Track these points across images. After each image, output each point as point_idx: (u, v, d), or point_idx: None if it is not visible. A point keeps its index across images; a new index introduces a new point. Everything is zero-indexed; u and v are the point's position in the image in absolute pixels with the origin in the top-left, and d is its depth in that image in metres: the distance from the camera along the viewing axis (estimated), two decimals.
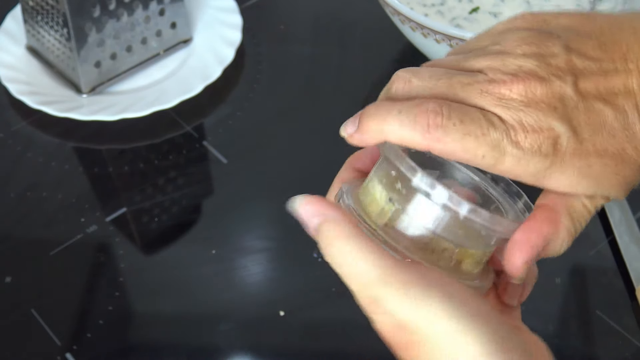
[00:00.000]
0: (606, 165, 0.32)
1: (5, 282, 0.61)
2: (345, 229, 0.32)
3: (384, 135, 0.33)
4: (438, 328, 0.30)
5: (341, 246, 0.31)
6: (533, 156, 0.32)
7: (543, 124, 0.32)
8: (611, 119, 0.32)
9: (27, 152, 0.72)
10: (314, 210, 0.33)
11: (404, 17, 0.68)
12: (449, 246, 0.33)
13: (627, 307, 0.59)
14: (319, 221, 0.32)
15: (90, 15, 0.71)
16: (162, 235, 0.65)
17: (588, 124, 0.32)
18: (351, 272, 0.31)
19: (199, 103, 0.74)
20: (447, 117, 0.32)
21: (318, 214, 0.32)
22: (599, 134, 0.32)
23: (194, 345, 0.58)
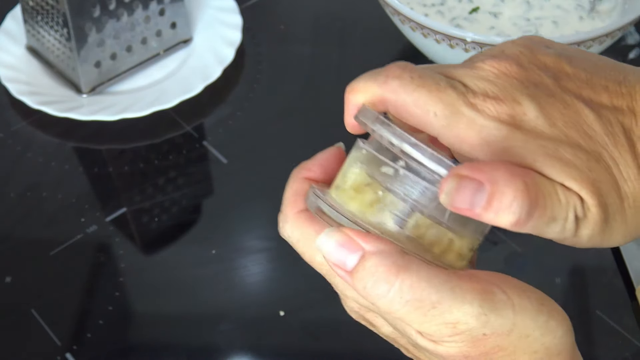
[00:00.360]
0: (577, 156, 0.29)
1: (5, 282, 0.61)
2: (393, 259, 0.29)
3: (352, 94, 0.33)
4: (527, 323, 0.29)
5: (393, 282, 0.28)
6: (489, 120, 0.29)
7: (508, 94, 0.30)
8: (591, 121, 0.30)
9: (27, 152, 0.72)
10: (346, 249, 0.29)
11: (404, 17, 0.68)
12: (438, 232, 0.31)
13: (627, 307, 0.59)
14: (357, 260, 0.29)
15: (90, 15, 0.71)
16: (162, 235, 0.65)
17: (563, 115, 0.30)
18: (420, 306, 0.28)
19: (199, 103, 0.74)
20: (406, 70, 0.31)
21: (353, 251, 0.29)
22: (574, 128, 0.30)
23: (194, 345, 0.58)
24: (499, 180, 0.27)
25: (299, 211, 0.34)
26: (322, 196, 0.32)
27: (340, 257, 0.29)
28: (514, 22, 0.74)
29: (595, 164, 0.29)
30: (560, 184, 0.29)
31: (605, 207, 0.29)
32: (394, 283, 0.28)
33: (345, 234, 0.29)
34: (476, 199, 0.27)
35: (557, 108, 0.30)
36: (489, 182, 0.27)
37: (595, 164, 0.29)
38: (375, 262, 0.29)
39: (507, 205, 0.27)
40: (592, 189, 0.29)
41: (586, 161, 0.29)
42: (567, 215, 0.29)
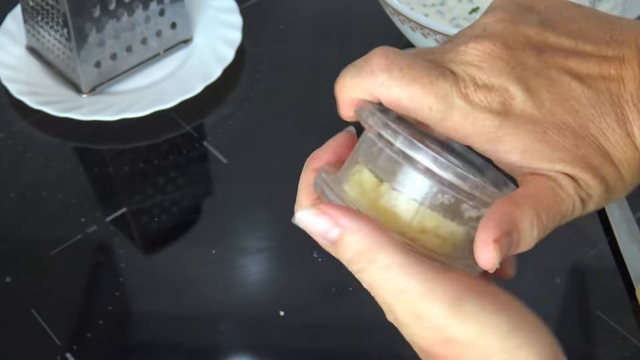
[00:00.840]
0: (565, 136, 0.30)
1: (5, 282, 0.61)
2: (374, 240, 0.29)
3: (341, 92, 0.33)
4: (493, 342, 0.29)
5: (374, 261, 0.29)
6: (481, 112, 0.30)
7: (496, 81, 0.30)
8: (577, 94, 0.30)
9: (27, 152, 0.72)
10: (327, 223, 0.30)
11: (404, 17, 0.68)
12: (437, 223, 0.31)
13: (627, 307, 0.59)
14: (338, 233, 0.30)
15: (90, 15, 0.71)
16: (162, 235, 0.65)
17: (550, 93, 0.30)
18: (389, 288, 0.29)
19: (199, 103, 0.74)
20: (393, 60, 0.31)
21: (335, 225, 0.30)
22: (560, 105, 0.30)
23: (194, 345, 0.58)
24: (517, 223, 0.29)
25: (313, 201, 0.34)
26: (326, 180, 0.32)
27: (320, 230, 0.30)
28: None
29: (582, 140, 0.30)
30: (554, 180, 0.30)
31: (603, 178, 0.30)
32: (370, 261, 0.29)
33: (322, 209, 0.30)
34: (510, 249, 0.29)
35: (544, 87, 0.30)
36: (514, 230, 0.29)
37: (582, 140, 0.30)
38: (354, 238, 0.29)
39: (529, 236, 0.30)
40: (583, 165, 0.30)
41: (573, 139, 0.30)
42: (574, 204, 0.30)
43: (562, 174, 0.30)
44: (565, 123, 0.30)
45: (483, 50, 0.31)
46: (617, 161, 0.31)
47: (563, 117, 0.30)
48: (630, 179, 0.31)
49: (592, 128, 0.30)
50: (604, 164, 0.30)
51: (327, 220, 0.30)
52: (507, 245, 0.29)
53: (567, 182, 0.30)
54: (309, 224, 0.31)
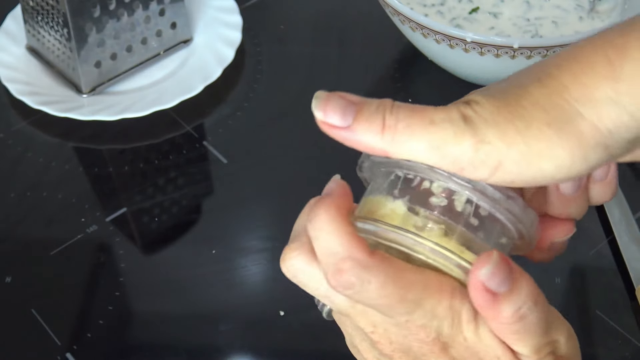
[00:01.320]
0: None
1: (5, 282, 0.61)
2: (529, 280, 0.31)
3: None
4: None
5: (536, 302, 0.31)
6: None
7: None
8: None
9: (27, 152, 0.72)
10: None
11: (404, 17, 0.68)
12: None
13: (627, 307, 0.59)
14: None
15: (90, 15, 0.71)
16: (162, 235, 0.65)
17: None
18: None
19: (199, 103, 0.74)
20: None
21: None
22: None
23: (194, 345, 0.58)
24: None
25: (371, 253, 0.31)
26: (378, 224, 0.32)
27: (495, 283, 0.30)
28: (514, 22, 0.74)
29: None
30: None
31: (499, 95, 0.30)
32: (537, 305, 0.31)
33: (498, 256, 0.30)
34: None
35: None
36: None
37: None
38: (525, 286, 0.30)
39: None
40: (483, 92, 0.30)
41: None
42: (450, 115, 0.30)
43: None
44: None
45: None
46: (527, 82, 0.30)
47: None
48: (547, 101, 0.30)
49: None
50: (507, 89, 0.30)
51: (507, 268, 0.30)
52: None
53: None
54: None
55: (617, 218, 0.63)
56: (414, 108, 0.30)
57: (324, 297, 0.33)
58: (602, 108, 0.28)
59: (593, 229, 0.63)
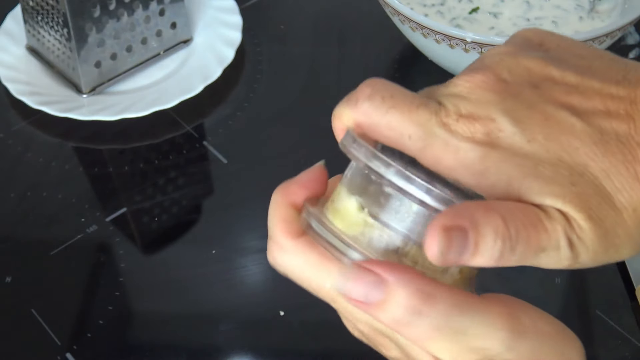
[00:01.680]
0: (558, 172, 0.27)
1: (5, 282, 0.61)
2: (425, 289, 0.27)
3: (334, 121, 0.32)
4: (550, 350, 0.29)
5: (427, 314, 0.27)
6: (463, 142, 0.28)
7: (482, 111, 0.28)
8: (577, 130, 0.28)
9: (27, 152, 0.72)
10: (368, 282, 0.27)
11: (404, 17, 0.68)
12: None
13: (627, 307, 0.59)
14: (383, 293, 0.27)
15: (90, 15, 0.71)
16: (162, 235, 0.65)
17: (544, 127, 0.28)
18: (446, 335, 0.27)
19: (199, 103, 0.74)
20: (377, 90, 0.30)
21: (377, 284, 0.27)
22: (555, 141, 0.28)
23: (194, 345, 0.58)
24: (479, 222, 0.26)
25: (293, 237, 0.31)
26: (319, 220, 0.31)
27: (362, 293, 0.28)
28: (514, 22, 0.74)
29: (579, 177, 0.27)
30: (542, 210, 0.27)
31: (599, 221, 0.27)
32: (425, 313, 0.27)
33: (363, 267, 0.28)
34: (464, 250, 0.26)
35: (537, 120, 0.28)
36: (471, 227, 0.26)
37: (579, 178, 0.27)
38: (402, 294, 0.27)
39: (490, 246, 0.26)
40: (578, 203, 0.27)
41: (568, 176, 0.27)
42: (558, 243, 0.27)
43: (552, 208, 0.27)
44: (560, 159, 0.28)
45: (473, 82, 0.29)
46: (620, 206, 0.28)
47: (558, 153, 0.28)
48: (636, 228, 0.28)
49: (593, 167, 0.27)
50: (602, 206, 0.27)
51: (371, 279, 0.27)
52: (458, 242, 0.26)
53: (557, 216, 0.27)
54: (350, 290, 0.28)
55: None
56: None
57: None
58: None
59: None
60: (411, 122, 0.29)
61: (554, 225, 0.27)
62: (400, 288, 0.27)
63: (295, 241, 0.31)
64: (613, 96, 0.29)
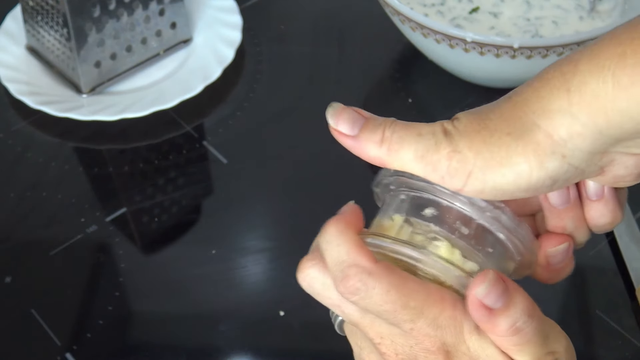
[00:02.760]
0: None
1: (5, 282, 0.61)
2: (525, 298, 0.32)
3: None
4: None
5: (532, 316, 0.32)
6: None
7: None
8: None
9: (27, 152, 0.72)
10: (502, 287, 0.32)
11: (404, 17, 0.68)
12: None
13: (627, 307, 0.59)
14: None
15: (90, 15, 0.71)
16: (162, 235, 0.65)
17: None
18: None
19: (199, 103, 0.74)
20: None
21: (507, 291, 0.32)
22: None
23: (194, 345, 0.58)
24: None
25: (376, 262, 0.33)
26: (381, 238, 0.34)
27: (493, 299, 0.32)
28: (514, 22, 0.74)
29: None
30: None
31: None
32: (535, 317, 0.32)
33: (494, 275, 0.32)
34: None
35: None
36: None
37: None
38: (521, 300, 0.32)
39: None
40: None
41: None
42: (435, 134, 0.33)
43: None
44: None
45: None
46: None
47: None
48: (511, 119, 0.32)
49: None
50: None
51: (502, 286, 0.32)
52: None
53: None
54: (490, 291, 0.32)
55: None
56: (408, 124, 0.34)
57: (336, 306, 0.35)
58: (555, 118, 0.30)
59: None
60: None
61: (435, 123, 0.33)
62: (520, 295, 0.32)
63: (378, 265, 0.33)
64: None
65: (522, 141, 0.31)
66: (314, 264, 0.35)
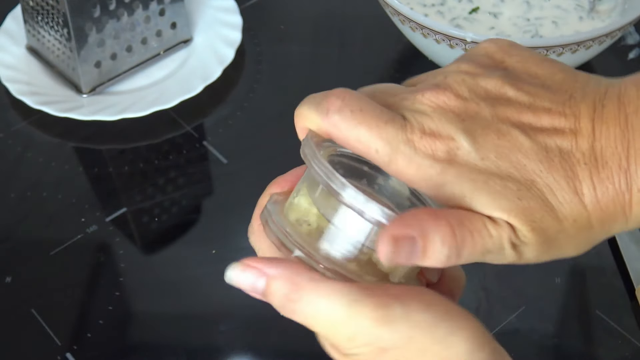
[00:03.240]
0: (507, 187, 0.30)
1: (5, 282, 0.61)
2: (296, 281, 0.31)
3: (298, 120, 0.35)
4: (425, 337, 0.30)
5: (299, 300, 0.31)
6: (424, 159, 0.31)
7: (443, 131, 0.31)
8: (526, 148, 0.31)
9: (27, 152, 0.72)
10: (252, 276, 0.33)
11: (404, 17, 0.68)
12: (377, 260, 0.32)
13: (627, 307, 0.59)
14: (264, 283, 0.32)
15: (90, 15, 0.71)
16: (162, 235, 0.65)
17: (497, 146, 0.31)
18: (320, 320, 0.31)
19: (199, 103, 0.74)
20: (347, 104, 0.32)
21: (259, 277, 0.32)
22: (505, 159, 0.31)
23: (194, 345, 0.58)
24: (427, 231, 0.29)
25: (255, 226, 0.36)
26: (273, 220, 0.34)
27: (249, 284, 0.33)
28: (514, 22, 0.74)
29: (527, 192, 0.30)
30: (489, 218, 0.30)
31: (542, 231, 0.30)
32: (295, 300, 0.31)
33: (246, 264, 0.33)
34: (413, 255, 0.29)
35: (491, 139, 0.31)
36: (420, 236, 0.29)
37: (526, 192, 0.30)
38: (277, 285, 0.32)
39: (438, 251, 0.29)
40: (522, 217, 0.30)
41: (516, 190, 0.30)
42: (502, 246, 0.30)
43: (500, 219, 0.31)
44: (510, 175, 0.30)
45: (437, 102, 0.32)
46: (562, 216, 0.31)
47: (508, 170, 0.30)
48: (578, 235, 0.31)
49: (539, 183, 0.30)
50: (545, 218, 0.30)
51: (253, 273, 0.33)
52: (407, 249, 0.29)
53: (503, 224, 0.30)
54: (239, 282, 0.34)
55: None
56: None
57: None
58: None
59: None
60: (379, 137, 0.31)
61: (499, 232, 0.30)
62: (276, 280, 0.32)
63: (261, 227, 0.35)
64: (560, 114, 0.31)
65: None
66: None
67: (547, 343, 0.57)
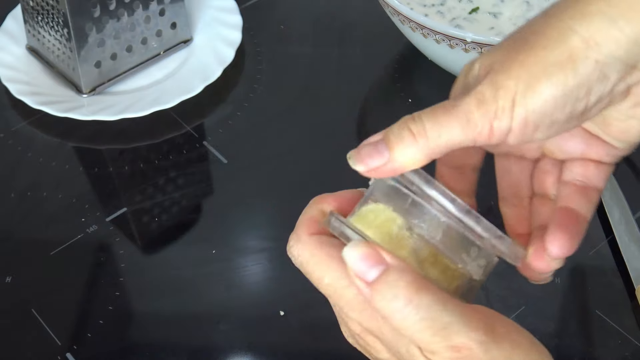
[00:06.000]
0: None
1: (5, 282, 0.61)
2: (412, 277, 0.31)
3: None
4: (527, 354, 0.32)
5: (412, 301, 0.30)
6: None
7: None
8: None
9: (27, 152, 0.72)
10: (371, 260, 0.31)
11: (404, 17, 0.68)
12: (451, 265, 0.34)
13: (627, 307, 0.59)
14: (378, 272, 0.31)
15: (90, 15, 0.71)
16: (162, 235, 0.65)
17: None
18: (430, 325, 0.31)
19: (199, 103, 0.74)
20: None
21: (380, 263, 0.31)
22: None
23: (194, 345, 0.58)
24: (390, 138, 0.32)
25: (311, 234, 0.35)
26: (345, 221, 0.34)
27: (363, 268, 0.31)
28: (514, 23, 0.74)
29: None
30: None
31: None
32: (412, 299, 0.30)
33: (372, 247, 0.31)
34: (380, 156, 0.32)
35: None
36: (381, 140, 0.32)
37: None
38: (396, 277, 0.31)
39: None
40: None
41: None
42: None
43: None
44: None
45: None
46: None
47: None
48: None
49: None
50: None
51: (374, 255, 0.31)
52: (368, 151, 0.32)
53: None
54: (356, 258, 0.32)
55: (617, 218, 0.63)
56: (432, 107, 0.32)
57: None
58: (593, 21, 0.30)
59: (593, 229, 0.63)
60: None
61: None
62: (395, 271, 0.31)
63: (310, 237, 0.35)
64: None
65: (557, 50, 0.30)
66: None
67: (547, 343, 0.57)
